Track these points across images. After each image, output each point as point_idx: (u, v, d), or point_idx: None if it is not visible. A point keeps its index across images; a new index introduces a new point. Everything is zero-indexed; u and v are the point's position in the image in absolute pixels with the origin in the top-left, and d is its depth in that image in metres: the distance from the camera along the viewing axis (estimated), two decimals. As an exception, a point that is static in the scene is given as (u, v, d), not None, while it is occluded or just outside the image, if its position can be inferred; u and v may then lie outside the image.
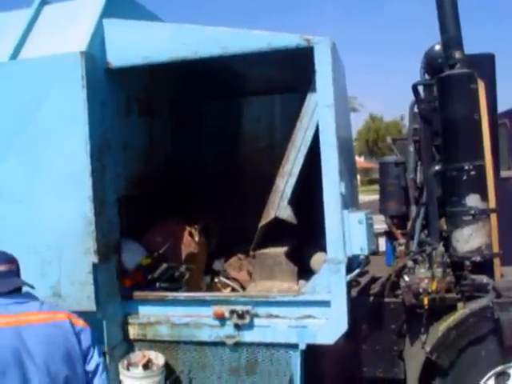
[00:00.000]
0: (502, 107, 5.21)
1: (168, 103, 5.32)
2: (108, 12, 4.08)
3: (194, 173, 5.52)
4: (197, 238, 4.78)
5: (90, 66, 3.75)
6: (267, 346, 3.88)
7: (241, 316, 3.83)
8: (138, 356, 4.02)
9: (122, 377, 3.91)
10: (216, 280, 4.74)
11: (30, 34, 4.16)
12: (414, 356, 3.88)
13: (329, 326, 3.72)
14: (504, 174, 4.56)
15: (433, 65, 4.23)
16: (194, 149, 5.69)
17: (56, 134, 3.78)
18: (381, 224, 5.10)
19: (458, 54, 3.73)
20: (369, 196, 15.82)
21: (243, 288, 4.51)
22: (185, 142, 5.49)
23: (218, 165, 5.83)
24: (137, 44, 3.96)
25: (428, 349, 3.67)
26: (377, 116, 55.93)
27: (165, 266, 4.30)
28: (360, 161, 50.53)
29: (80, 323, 2.55)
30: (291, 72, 4.76)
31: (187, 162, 5.44)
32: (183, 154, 5.41)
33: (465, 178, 3.67)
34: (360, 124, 55.53)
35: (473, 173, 3.65)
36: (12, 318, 2.32)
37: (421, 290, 3.65)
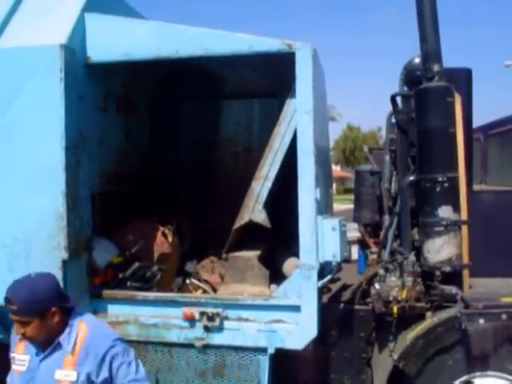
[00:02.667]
0: (476, 122, 5.31)
1: (147, 101, 5.28)
2: (90, 6, 4.04)
3: (170, 173, 5.48)
4: (170, 239, 4.74)
5: (69, 59, 3.71)
6: (236, 349, 3.87)
7: (211, 318, 3.81)
8: (104, 355, 3.95)
9: (87, 376, 3.84)
10: (188, 282, 4.71)
11: (9, 24, 4.07)
12: (382, 364, 3.91)
13: (298, 331, 3.72)
14: (476, 187, 4.63)
15: (411, 77, 4.30)
16: (170, 149, 5.64)
17: (31, 126, 3.72)
18: (354, 232, 5.14)
19: (436, 67, 3.78)
20: (344, 205, 15.96)
21: (215, 290, 4.48)
22: (162, 141, 5.45)
23: (195, 166, 5.79)
24: (118, 40, 3.93)
25: (396, 357, 3.70)
26: (354, 126, 56.54)
27: (136, 265, 4.26)
28: (336, 170, 50.99)
29: None
30: (271, 77, 4.77)
31: (163, 162, 5.39)
32: (160, 154, 5.37)
33: (438, 189, 3.72)
34: (337, 133, 56.10)
35: (446, 184, 3.70)
36: None
37: (391, 299, 3.68)
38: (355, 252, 5.35)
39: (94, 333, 2.56)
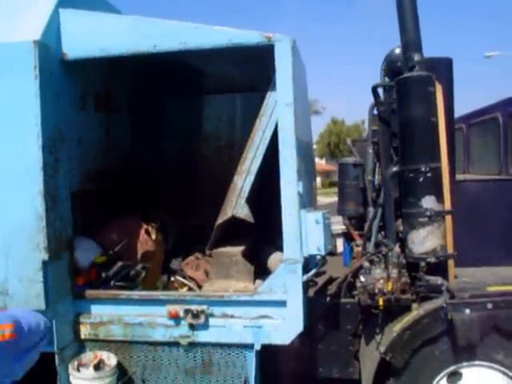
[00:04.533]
0: (458, 112, 5.31)
1: (127, 98, 5.20)
2: (65, 2, 3.95)
3: (153, 170, 5.42)
4: (154, 236, 4.69)
5: (43, 56, 3.62)
6: (222, 346, 3.84)
7: (196, 316, 3.77)
8: (89, 356, 3.91)
9: (72, 378, 3.78)
10: (172, 279, 4.66)
11: (-18, 21, 3.99)
12: (369, 356, 3.89)
13: (284, 326, 3.69)
14: (460, 177, 4.62)
15: (393, 67, 4.28)
16: (153, 145, 5.58)
17: (7, 125, 3.62)
18: (339, 225, 5.13)
19: (416, 57, 3.75)
20: (329, 198, 15.99)
21: (200, 287, 4.44)
22: (144, 138, 5.38)
23: (178, 162, 5.73)
24: (94, 36, 3.84)
25: (382, 349, 3.68)
26: (338, 119, 56.78)
27: (119, 264, 4.20)
28: (321, 163, 51.21)
29: None
30: (253, 70, 4.71)
31: (146, 159, 5.33)
32: (142, 151, 5.30)
33: (421, 179, 3.69)
34: (322, 127, 56.33)
35: (429, 175, 3.68)
36: None
37: (376, 291, 3.65)
38: (340, 245, 5.34)
39: None
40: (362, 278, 3.78)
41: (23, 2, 4.03)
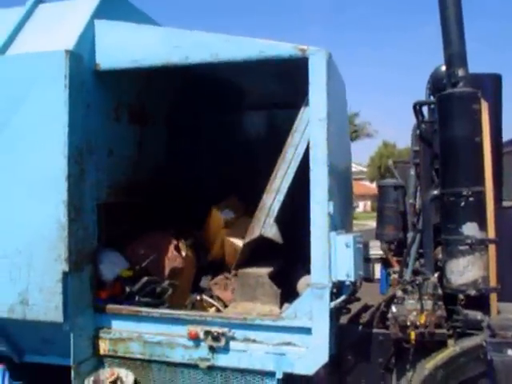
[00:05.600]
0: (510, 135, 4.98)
1: (164, 112, 5.15)
2: (101, 13, 3.98)
3: (187, 186, 5.31)
4: (184, 253, 4.57)
5: (75, 66, 3.62)
6: (242, 371, 3.65)
7: (216, 338, 3.60)
8: (106, 373, 3.81)
9: (86, 395, 3.69)
10: (199, 298, 4.51)
11: (21, 32, 4.06)
12: (400, 394, 3.61)
13: (308, 355, 3.47)
14: (508, 203, 4.27)
15: (438, 85, 4.05)
16: (188, 161, 5.48)
17: (34, 133, 3.63)
18: (378, 250, 4.87)
19: (461, 72, 3.51)
20: (377, 222, 15.51)
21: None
22: (179, 153, 5.30)
23: (213, 179, 5.61)
24: (127, 47, 3.84)
25: (413, 388, 3.40)
26: (390, 143, 55.79)
27: (145, 279, 4.10)
28: (371, 186, 50.36)
29: None
30: (293, 86, 4.58)
31: (180, 174, 5.23)
32: (177, 165, 5.21)
33: (462, 204, 3.42)
34: (373, 150, 55.50)
35: (471, 199, 3.41)
36: None
37: (408, 323, 3.39)
38: (379, 271, 5.07)
39: None
40: (394, 309, 3.52)
41: (61, 13, 4.07)
